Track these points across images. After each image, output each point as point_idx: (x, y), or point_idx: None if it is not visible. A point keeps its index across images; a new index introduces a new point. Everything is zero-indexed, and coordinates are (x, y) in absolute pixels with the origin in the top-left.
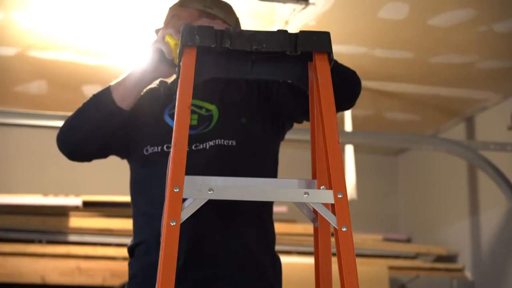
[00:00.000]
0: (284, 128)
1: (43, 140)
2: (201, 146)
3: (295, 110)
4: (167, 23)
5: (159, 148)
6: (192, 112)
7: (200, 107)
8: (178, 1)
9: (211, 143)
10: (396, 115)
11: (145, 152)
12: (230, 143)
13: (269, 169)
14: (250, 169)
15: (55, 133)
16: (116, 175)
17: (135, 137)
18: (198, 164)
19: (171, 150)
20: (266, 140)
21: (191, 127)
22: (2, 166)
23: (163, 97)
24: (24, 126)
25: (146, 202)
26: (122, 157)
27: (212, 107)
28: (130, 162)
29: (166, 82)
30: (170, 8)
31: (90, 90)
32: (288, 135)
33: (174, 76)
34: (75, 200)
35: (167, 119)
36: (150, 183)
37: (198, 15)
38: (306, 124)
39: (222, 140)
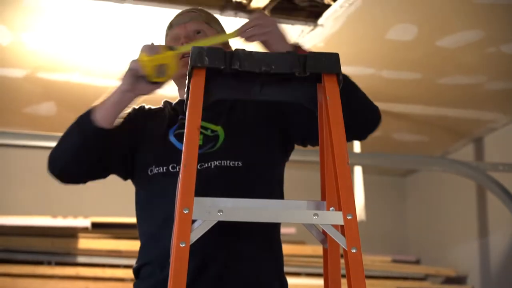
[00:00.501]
0: (290, 149)
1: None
2: (205, 165)
3: (303, 133)
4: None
5: (164, 168)
6: None
7: (206, 128)
8: (169, 24)
9: (217, 162)
10: (405, 136)
11: (149, 173)
12: (236, 164)
13: (275, 190)
14: (256, 190)
15: None
16: (125, 196)
17: (139, 158)
18: (202, 183)
19: (180, 171)
20: (272, 162)
21: None
22: (12, 187)
23: (168, 118)
24: (33, 147)
25: (151, 223)
26: (124, 178)
27: (217, 128)
28: (134, 182)
29: (171, 103)
30: (167, 31)
31: None
32: (297, 156)
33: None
34: (84, 222)
35: (172, 139)
36: (155, 204)
37: (185, 27)
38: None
39: (228, 161)
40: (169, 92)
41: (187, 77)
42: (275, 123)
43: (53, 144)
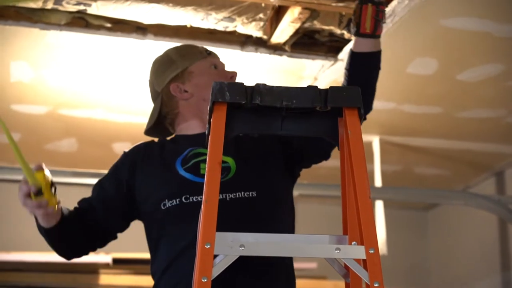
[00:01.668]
0: (297, 172)
1: (74, 198)
2: (221, 197)
3: (312, 154)
4: (204, 67)
5: (178, 200)
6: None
7: None
8: (204, 49)
9: (232, 195)
10: (426, 170)
11: (162, 207)
12: (250, 194)
13: (287, 215)
14: (271, 217)
15: (86, 191)
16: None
17: (145, 197)
18: (219, 216)
19: (202, 206)
20: (284, 187)
21: None
22: (32, 223)
23: (170, 151)
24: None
25: (171, 256)
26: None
27: (228, 159)
28: (145, 219)
29: (165, 139)
30: (200, 53)
31: (121, 148)
32: (319, 191)
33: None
34: (105, 258)
35: (180, 170)
36: (174, 237)
37: (225, 66)
38: (336, 180)
39: (243, 192)
40: None
41: (208, 112)
42: (280, 149)
43: (74, 180)
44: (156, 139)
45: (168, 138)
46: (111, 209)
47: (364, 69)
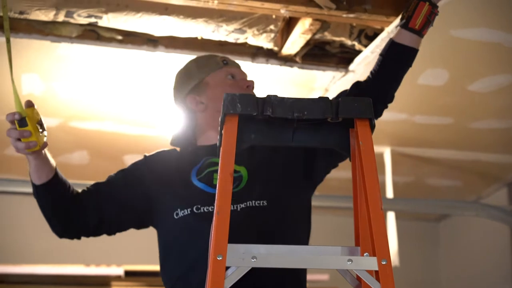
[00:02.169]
0: (318, 178)
1: None
2: (232, 207)
3: (330, 160)
4: (220, 76)
5: (189, 210)
6: None
7: None
8: (221, 58)
9: (242, 205)
10: (437, 181)
11: (175, 216)
12: (261, 204)
13: (302, 223)
14: (283, 226)
15: None
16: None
17: (160, 204)
18: (230, 225)
19: (214, 218)
20: (298, 195)
21: None
22: (44, 236)
23: (188, 160)
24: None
25: (182, 266)
26: (138, 227)
27: (240, 168)
28: (157, 228)
29: (187, 150)
30: (216, 62)
31: (131, 160)
32: (330, 203)
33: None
34: (117, 270)
35: (194, 180)
36: (182, 247)
37: (244, 74)
38: (348, 191)
39: (254, 202)
40: None
41: (220, 123)
42: (296, 156)
43: None
44: (178, 149)
45: (190, 149)
46: (112, 198)
47: (399, 60)
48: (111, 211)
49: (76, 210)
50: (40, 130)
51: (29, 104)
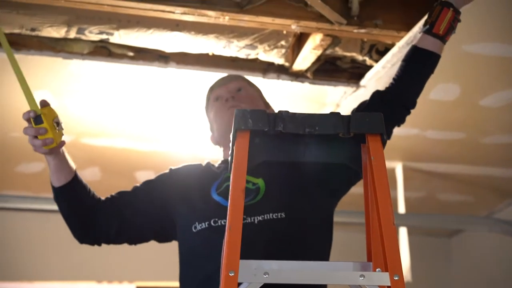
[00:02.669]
0: (338, 192)
1: None
2: (249, 220)
3: (345, 176)
4: (211, 105)
5: (207, 223)
6: None
7: (247, 181)
8: (210, 87)
9: (260, 218)
10: (449, 196)
11: (193, 229)
12: (279, 216)
13: (321, 236)
14: (301, 239)
15: None
16: (170, 260)
17: (180, 217)
18: (247, 239)
19: (226, 233)
20: (317, 207)
21: None
22: (57, 253)
23: (211, 174)
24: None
25: (198, 279)
26: (159, 239)
27: (258, 180)
28: (178, 240)
29: (212, 164)
30: (208, 94)
31: (143, 176)
32: (342, 218)
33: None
34: (129, 287)
35: (213, 195)
36: (198, 260)
37: (227, 87)
38: (359, 206)
39: (271, 214)
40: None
41: (231, 139)
42: (314, 169)
43: None
44: (204, 163)
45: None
46: (134, 206)
47: (422, 65)
48: (132, 219)
49: (98, 215)
50: (57, 128)
51: (44, 104)
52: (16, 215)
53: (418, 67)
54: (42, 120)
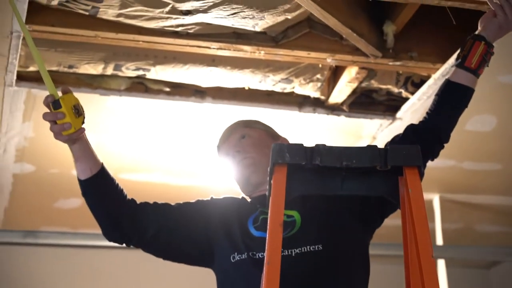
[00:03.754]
0: (374, 224)
1: (134, 261)
2: (286, 252)
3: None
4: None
5: (246, 255)
6: None
7: None
8: (217, 147)
9: (297, 250)
10: (487, 228)
11: (232, 259)
12: (316, 248)
13: (358, 268)
14: (339, 271)
15: (142, 254)
16: None
17: (218, 246)
18: (285, 271)
19: (264, 268)
20: (354, 239)
21: None
22: (89, 285)
23: (248, 208)
24: (116, 248)
25: None
26: (193, 261)
27: (293, 213)
28: (215, 270)
29: (249, 198)
30: (218, 153)
31: None
32: (380, 251)
33: None
34: None
35: (250, 227)
36: None
37: (229, 142)
38: (396, 239)
39: (309, 246)
40: None
41: (269, 173)
42: (350, 201)
43: None
44: (240, 197)
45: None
46: (176, 219)
47: (455, 99)
48: (173, 231)
49: (137, 213)
50: (76, 115)
51: (66, 90)
52: (55, 251)
53: (451, 101)
54: (60, 105)
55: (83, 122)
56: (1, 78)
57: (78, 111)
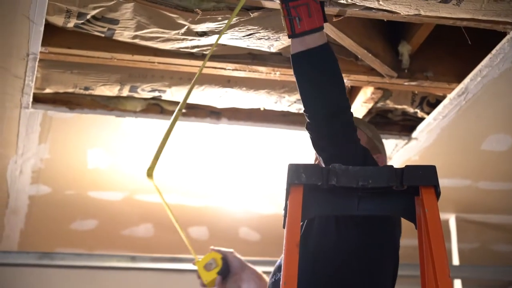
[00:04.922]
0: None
1: (151, 282)
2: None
3: None
4: None
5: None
6: None
7: None
8: None
9: None
10: (503, 247)
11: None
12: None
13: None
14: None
15: (163, 275)
16: None
17: None
18: None
19: None
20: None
21: None
22: None
23: None
24: (132, 269)
25: None
26: None
27: None
28: None
29: None
30: None
31: (197, 232)
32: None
33: None
34: None
35: None
36: None
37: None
38: (412, 259)
39: None
40: None
41: (285, 194)
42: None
43: (152, 265)
44: None
45: None
46: None
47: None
48: None
49: None
50: (207, 270)
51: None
52: (70, 272)
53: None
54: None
55: (215, 276)
56: (17, 100)
57: (210, 266)
